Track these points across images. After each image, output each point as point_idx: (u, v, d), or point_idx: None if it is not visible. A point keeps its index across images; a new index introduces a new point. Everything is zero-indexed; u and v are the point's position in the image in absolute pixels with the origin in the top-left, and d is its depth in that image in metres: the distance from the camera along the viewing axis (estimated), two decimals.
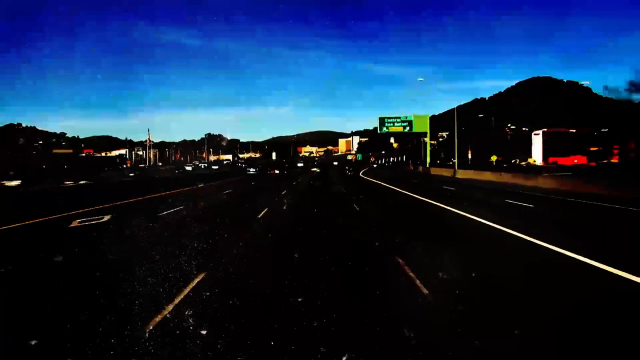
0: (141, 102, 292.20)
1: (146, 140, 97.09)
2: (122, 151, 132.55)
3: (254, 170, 59.06)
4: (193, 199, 19.28)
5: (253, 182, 35.61)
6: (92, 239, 9.12)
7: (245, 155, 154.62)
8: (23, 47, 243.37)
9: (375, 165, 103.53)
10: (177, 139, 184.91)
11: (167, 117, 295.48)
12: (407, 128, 50.73)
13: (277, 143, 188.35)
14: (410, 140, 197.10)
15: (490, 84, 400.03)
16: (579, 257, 6.65)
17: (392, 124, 51.03)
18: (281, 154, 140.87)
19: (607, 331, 4.04)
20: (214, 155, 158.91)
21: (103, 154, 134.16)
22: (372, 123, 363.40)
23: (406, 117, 50.29)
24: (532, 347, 3.70)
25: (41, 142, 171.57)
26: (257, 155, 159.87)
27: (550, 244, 7.56)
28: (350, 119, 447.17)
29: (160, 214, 12.96)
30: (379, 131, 52.36)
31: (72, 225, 10.96)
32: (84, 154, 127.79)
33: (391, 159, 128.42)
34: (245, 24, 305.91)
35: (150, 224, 10.98)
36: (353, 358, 3.45)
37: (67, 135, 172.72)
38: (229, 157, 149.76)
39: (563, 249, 7.15)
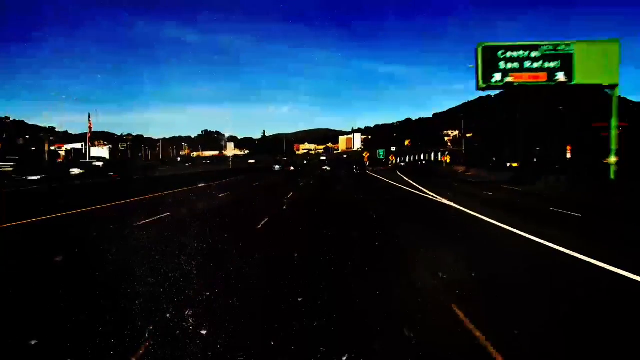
0: (139, 98, 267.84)
1: (89, 132, 66.20)
2: (78, 145, 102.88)
3: (279, 167, 60.91)
4: None
5: None
6: None
7: (229, 153, 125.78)
8: (21, 42, 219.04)
9: (403, 164, 74.16)
10: (171, 135, 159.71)
11: (165, 114, 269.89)
12: (561, 73, 19.62)
13: (272, 140, 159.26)
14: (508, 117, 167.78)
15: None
16: None
17: (516, 65, 19.42)
18: (275, 152, 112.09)
19: None
20: (208, 152, 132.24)
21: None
22: (372, 121, 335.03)
23: (556, 44, 19.39)
24: None
25: (27, 136, 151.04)
26: (246, 152, 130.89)
27: None
28: (350, 117, 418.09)
29: None
30: (480, 85, 19.84)
31: None
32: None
33: (410, 157, 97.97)
34: (244, 22, 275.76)
35: None
36: None
37: (56, 129, 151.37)
38: (215, 153, 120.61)
39: None
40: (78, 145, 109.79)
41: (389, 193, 19.12)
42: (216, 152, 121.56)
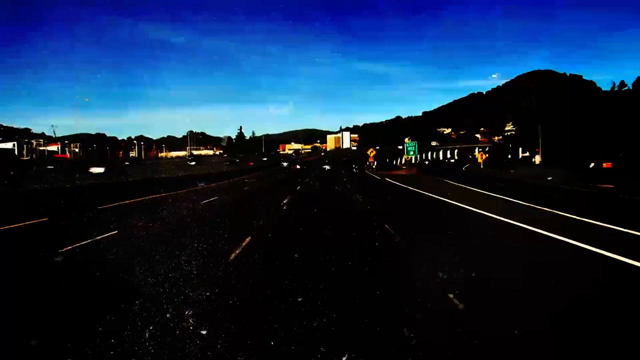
0: (129, 100, 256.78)
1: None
2: (9, 145, 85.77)
3: (286, 164, 59.46)
4: None
5: None
6: None
7: (202, 152, 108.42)
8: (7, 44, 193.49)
9: (427, 162, 57.36)
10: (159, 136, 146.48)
11: (154, 115, 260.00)
12: None
13: (252, 139, 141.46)
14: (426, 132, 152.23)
15: (488, 79, 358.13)
16: None
17: None
18: (253, 152, 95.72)
19: None
20: (174, 152, 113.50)
21: None
22: (361, 120, 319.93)
23: None
24: None
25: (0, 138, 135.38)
26: (219, 151, 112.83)
27: None
28: (338, 117, 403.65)
29: None
30: None
31: None
32: None
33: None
34: (228, 23, 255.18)
35: None
36: None
37: (32, 131, 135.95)
38: (182, 153, 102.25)
39: None
40: (9, 145, 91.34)
41: None
42: (183, 153, 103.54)
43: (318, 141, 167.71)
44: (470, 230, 8.46)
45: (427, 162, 63.11)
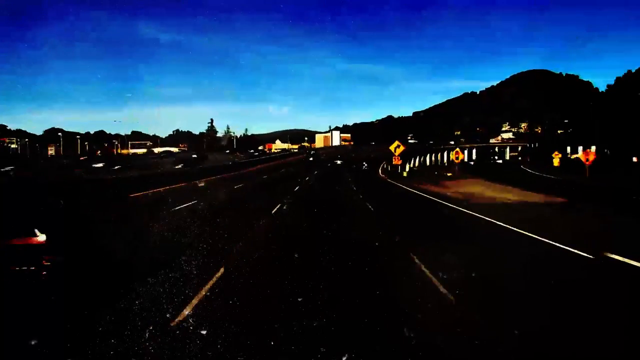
0: (117, 97, 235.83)
1: None
2: None
3: (312, 154, 70.95)
4: None
5: None
6: None
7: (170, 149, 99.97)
8: None
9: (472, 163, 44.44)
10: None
11: (139, 113, 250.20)
12: None
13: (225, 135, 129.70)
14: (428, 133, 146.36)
15: (482, 79, 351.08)
16: None
17: None
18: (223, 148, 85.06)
19: None
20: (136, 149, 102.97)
21: None
22: (350, 120, 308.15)
23: None
24: None
25: None
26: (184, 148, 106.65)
27: None
28: (327, 117, 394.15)
29: None
30: None
31: None
32: None
33: (422, 157, 66.78)
34: (218, 20, 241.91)
35: None
36: None
37: (8, 128, 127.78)
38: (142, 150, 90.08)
39: None
40: None
41: None
42: (144, 150, 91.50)
43: (306, 138, 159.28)
44: None
45: (472, 163, 49.08)
